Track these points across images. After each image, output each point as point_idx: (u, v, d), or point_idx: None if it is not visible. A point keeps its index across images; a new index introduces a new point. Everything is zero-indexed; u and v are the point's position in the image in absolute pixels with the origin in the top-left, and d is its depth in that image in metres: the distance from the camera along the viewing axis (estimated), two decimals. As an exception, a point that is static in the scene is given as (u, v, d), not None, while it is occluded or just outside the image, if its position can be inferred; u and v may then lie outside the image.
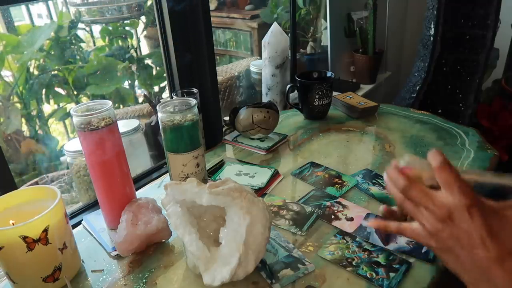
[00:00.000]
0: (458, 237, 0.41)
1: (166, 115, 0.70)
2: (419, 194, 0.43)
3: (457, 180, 0.41)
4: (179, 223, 0.56)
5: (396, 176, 0.45)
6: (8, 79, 1.47)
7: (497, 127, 1.66)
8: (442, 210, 0.41)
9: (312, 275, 0.58)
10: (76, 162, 0.87)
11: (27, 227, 0.52)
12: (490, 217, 0.40)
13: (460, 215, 0.40)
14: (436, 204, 0.42)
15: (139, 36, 1.87)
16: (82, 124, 0.61)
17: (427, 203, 0.42)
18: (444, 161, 0.42)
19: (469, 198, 0.40)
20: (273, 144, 0.96)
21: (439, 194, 0.42)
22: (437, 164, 0.42)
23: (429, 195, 0.43)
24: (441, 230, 0.42)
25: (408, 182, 0.44)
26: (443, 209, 0.41)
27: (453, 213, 0.41)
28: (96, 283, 0.59)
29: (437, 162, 0.42)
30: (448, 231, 0.41)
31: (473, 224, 0.40)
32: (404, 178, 0.45)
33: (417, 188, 0.44)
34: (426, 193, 0.43)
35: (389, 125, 1.05)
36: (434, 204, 0.42)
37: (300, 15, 1.89)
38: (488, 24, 1.55)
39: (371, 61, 1.77)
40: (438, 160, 0.42)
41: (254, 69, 1.51)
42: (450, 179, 0.41)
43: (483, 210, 0.40)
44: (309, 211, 0.72)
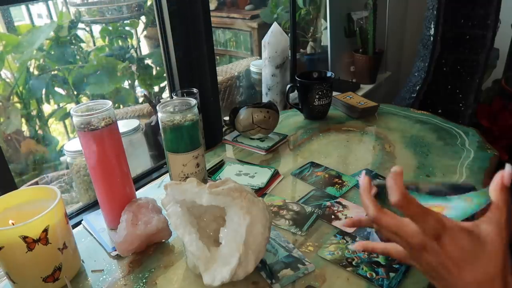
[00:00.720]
0: (434, 267, 0.41)
1: (166, 115, 0.70)
2: (390, 224, 0.42)
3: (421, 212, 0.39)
4: (179, 223, 0.56)
5: (366, 203, 0.44)
6: (8, 79, 1.47)
7: (497, 127, 1.66)
8: (415, 240, 0.41)
9: (312, 275, 0.58)
10: (76, 162, 0.87)
11: (27, 227, 0.52)
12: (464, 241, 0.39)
13: (430, 247, 0.40)
14: (408, 234, 0.41)
15: (139, 36, 1.87)
16: (82, 124, 0.61)
17: (400, 233, 0.42)
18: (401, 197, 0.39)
19: (437, 229, 0.39)
20: (273, 144, 0.96)
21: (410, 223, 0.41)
22: (395, 201, 0.39)
23: (400, 225, 0.42)
24: (418, 257, 0.42)
25: (378, 211, 0.43)
26: (415, 240, 0.41)
27: (425, 245, 0.40)
28: (96, 283, 0.59)
29: (394, 199, 0.39)
30: (425, 259, 0.41)
31: (445, 255, 0.39)
32: (374, 207, 0.43)
33: (388, 218, 0.42)
34: (397, 223, 0.42)
35: (389, 125, 1.05)
36: (406, 234, 0.41)
37: (300, 15, 1.89)
38: (488, 24, 1.55)
39: (371, 61, 1.77)
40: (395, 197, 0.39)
41: (254, 69, 1.51)
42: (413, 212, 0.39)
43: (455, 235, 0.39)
44: (309, 211, 0.72)
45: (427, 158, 0.87)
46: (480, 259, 0.39)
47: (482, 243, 0.39)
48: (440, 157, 0.87)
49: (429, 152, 0.90)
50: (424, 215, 0.39)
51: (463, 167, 0.83)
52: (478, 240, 0.39)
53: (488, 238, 0.39)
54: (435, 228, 0.39)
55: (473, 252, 0.39)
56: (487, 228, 0.39)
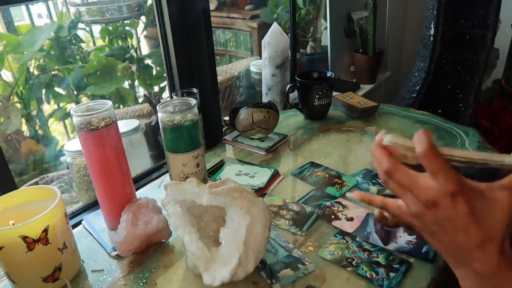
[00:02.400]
0: (441, 223, 0.41)
1: (166, 115, 0.70)
2: (403, 178, 0.42)
3: (443, 167, 0.39)
4: (179, 223, 0.56)
5: (380, 156, 0.44)
6: (8, 79, 1.47)
7: (497, 127, 1.66)
8: (427, 195, 0.40)
9: (312, 275, 0.58)
10: (76, 162, 0.87)
11: (27, 227, 0.52)
12: (477, 202, 0.40)
13: (444, 202, 0.40)
14: (420, 189, 0.41)
15: (139, 36, 1.87)
16: (82, 124, 0.61)
17: (411, 187, 0.41)
18: (428, 147, 0.40)
19: (455, 186, 0.39)
20: (273, 144, 0.96)
21: (424, 179, 0.41)
22: (421, 150, 0.40)
23: (413, 180, 0.41)
24: (425, 214, 0.41)
25: (392, 164, 0.43)
26: (428, 195, 0.40)
27: (438, 200, 0.40)
28: (96, 283, 0.59)
29: (421, 148, 0.40)
30: (432, 216, 0.41)
31: (456, 212, 0.39)
32: (388, 160, 0.43)
33: (402, 172, 0.42)
34: (411, 177, 0.42)
35: (389, 125, 1.05)
36: (418, 189, 0.41)
37: (300, 15, 1.89)
38: (488, 24, 1.55)
39: (371, 61, 1.77)
40: (422, 146, 0.40)
41: (254, 69, 1.51)
42: (435, 166, 0.40)
43: (469, 195, 0.40)
44: (309, 211, 0.72)
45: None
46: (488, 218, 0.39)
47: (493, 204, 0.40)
48: (440, 157, 0.87)
49: (429, 152, 0.90)
50: (445, 170, 0.39)
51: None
52: (489, 202, 0.40)
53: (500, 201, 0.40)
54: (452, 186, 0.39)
55: (482, 212, 0.40)
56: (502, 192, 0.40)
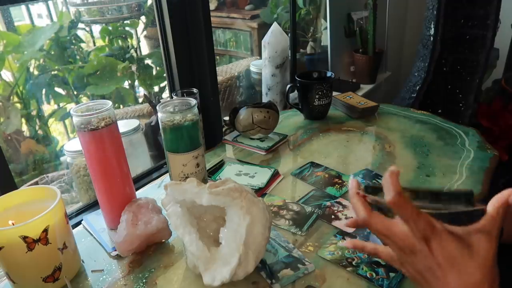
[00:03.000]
0: (421, 271, 0.41)
1: (166, 115, 0.70)
2: (380, 227, 0.42)
3: (412, 214, 0.39)
4: (179, 223, 0.56)
5: (356, 206, 0.44)
6: (8, 79, 1.47)
7: (497, 127, 1.66)
8: (404, 243, 0.41)
9: (312, 275, 0.58)
10: (76, 162, 0.87)
11: (27, 227, 0.52)
12: (453, 247, 0.39)
13: (420, 250, 0.40)
14: (398, 237, 0.41)
15: (139, 36, 1.87)
16: (82, 124, 0.61)
17: (389, 235, 0.42)
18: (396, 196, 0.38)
19: (427, 232, 0.39)
20: (273, 144, 0.96)
21: (400, 226, 0.41)
22: (389, 199, 0.39)
23: (390, 228, 0.42)
24: (407, 262, 0.42)
25: (368, 214, 0.43)
26: (405, 243, 0.41)
27: (415, 247, 0.40)
28: (96, 283, 0.59)
29: (389, 197, 0.39)
30: (413, 265, 0.41)
31: (433, 259, 0.39)
32: (363, 210, 0.43)
33: (378, 222, 0.42)
34: (387, 226, 0.42)
35: (389, 125, 1.05)
36: (396, 237, 0.41)
37: (300, 15, 1.89)
38: (488, 24, 1.55)
39: (371, 61, 1.77)
40: (390, 194, 0.39)
41: (254, 69, 1.51)
42: (404, 213, 0.39)
43: (445, 241, 0.39)
44: (309, 211, 0.72)
45: (427, 158, 0.87)
46: (467, 265, 0.39)
47: (471, 250, 0.39)
48: (440, 157, 0.87)
49: (429, 152, 0.90)
50: (416, 216, 0.39)
51: (463, 167, 0.83)
52: (466, 246, 0.39)
53: (478, 247, 0.39)
54: (425, 230, 0.39)
55: (460, 258, 0.39)
56: (478, 236, 0.39)
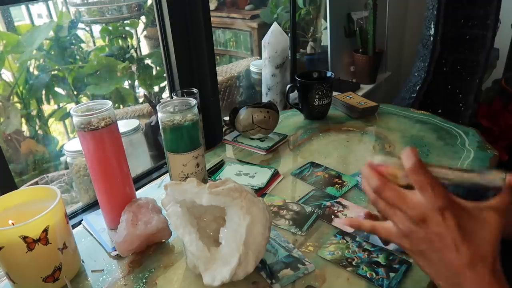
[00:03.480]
0: (430, 239, 0.41)
1: (166, 115, 0.70)
2: (392, 195, 0.42)
3: (430, 181, 0.40)
4: (179, 223, 0.56)
5: (370, 175, 0.44)
6: (8, 79, 1.47)
7: (497, 127, 1.66)
8: (416, 212, 0.41)
9: (312, 275, 0.58)
10: (76, 162, 0.87)
11: (27, 227, 0.52)
12: (464, 220, 0.40)
13: (433, 218, 0.40)
14: (409, 206, 0.41)
15: (139, 36, 1.87)
16: (82, 124, 0.61)
17: (400, 204, 0.42)
18: (417, 163, 0.40)
19: (443, 201, 0.39)
20: (273, 144, 0.96)
21: (413, 195, 0.41)
22: (410, 166, 0.41)
23: (402, 197, 0.42)
24: (414, 231, 0.41)
25: (382, 182, 0.43)
26: (417, 211, 0.40)
27: (427, 216, 0.40)
28: (96, 283, 0.59)
29: (410, 164, 0.41)
30: (421, 233, 0.41)
31: (446, 228, 0.39)
32: (378, 178, 0.43)
33: (391, 189, 0.43)
34: (400, 194, 0.42)
35: (389, 125, 1.05)
36: (407, 206, 0.41)
37: (300, 15, 1.89)
38: (488, 24, 1.55)
39: (371, 61, 1.77)
40: (411, 162, 0.41)
41: (254, 69, 1.51)
42: (423, 181, 0.40)
43: (457, 212, 0.40)
44: (309, 211, 0.72)
45: (427, 158, 0.87)
46: (477, 237, 0.40)
47: (481, 224, 0.40)
48: (440, 157, 0.87)
49: (429, 152, 0.90)
50: (433, 186, 0.40)
51: (463, 167, 0.83)
52: (477, 220, 0.40)
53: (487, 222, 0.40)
54: (440, 199, 0.40)
55: (471, 230, 0.40)
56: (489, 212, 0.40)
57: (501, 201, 0.40)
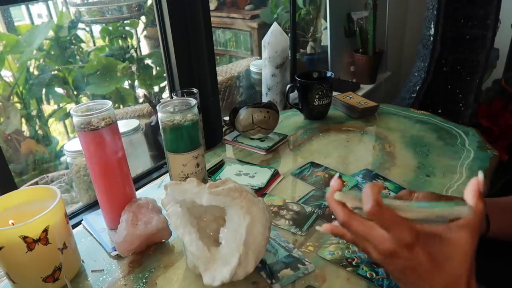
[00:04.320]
0: (403, 271, 0.41)
1: (166, 115, 0.70)
2: (359, 229, 0.42)
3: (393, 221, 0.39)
4: (179, 223, 0.56)
5: (336, 208, 0.44)
6: (8, 79, 1.47)
7: (497, 127, 1.66)
8: (384, 247, 0.41)
9: (312, 275, 0.58)
10: (76, 162, 0.87)
11: (27, 227, 0.52)
12: (435, 247, 0.40)
13: (401, 254, 0.40)
14: (377, 241, 0.41)
15: (139, 36, 1.87)
16: (82, 124, 0.61)
17: (369, 238, 0.42)
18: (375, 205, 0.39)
19: (410, 237, 0.39)
20: (273, 144, 0.96)
21: (380, 230, 0.41)
22: (368, 210, 0.39)
23: (369, 230, 0.41)
24: (387, 263, 0.42)
25: (347, 215, 0.43)
26: (385, 247, 0.40)
27: (395, 252, 0.40)
28: (96, 283, 0.59)
29: (367, 207, 0.39)
30: (393, 265, 0.41)
31: (417, 262, 0.40)
32: (342, 211, 0.43)
33: (357, 222, 0.42)
34: (366, 227, 0.42)
35: (389, 125, 1.05)
36: (375, 240, 0.41)
37: (300, 15, 1.89)
38: (488, 24, 1.55)
39: (371, 61, 1.77)
40: (368, 204, 0.39)
41: (254, 69, 1.51)
42: (385, 221, 0.40)
43: (426, 242, 0.40)
44: (309, 211, 0.72)
45: (427, 158, 0.87)
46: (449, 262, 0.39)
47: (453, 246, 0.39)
48: (440, 157, 0.87)
49: (429, 152, 0.90)
50: (396, 224, 0.39)
51: (463, 167, 0.83)
52: (448, 243, 0.40)
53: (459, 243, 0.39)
54: (407, 237, 0.39)
55: (442, 255, 0.40)
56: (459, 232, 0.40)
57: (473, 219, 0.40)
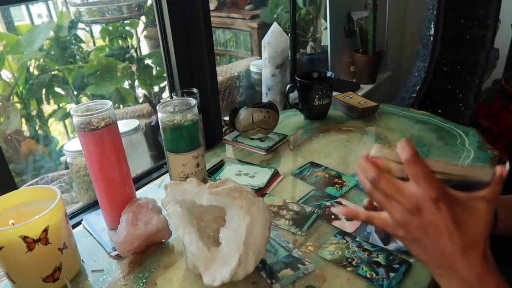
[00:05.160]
0: (425, 228, 0.42)
1: (166, 115, 0.70)
2: (388, 186, 0.44)
3: (425, 173, 0.41)
4: (179, 223, 0.56)
5: (366, 167, 0.45)
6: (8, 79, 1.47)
7: (497, 127, 1.66)
8: (411, 202, 0.42)
9: (312, 275, 0.58)
10: (76, 162, 0.87)
11: (27, 227, 0.52)
12: (457, 209, 0.41)
13: (427, 208, 0.41)
14: (404, 196, 0.42)
15: (139, 36, 1.87)
16: (82, 124, 0.61)
17: (396, 195, 0.43)
18: (412, 154, 0.42)
19: (437, 191, 0.41)
20: (273, 144, 0.96)
21: (408, 186, 0.42)
22: (405, 157, 0.42)
23: (397, 187, 0.43)
24: (409, 221, 0.43)
25: (378, 173, 0.44)
26: (411, 201, 0.42)
27: (421, 206, 0.41)
28: (96, 283, 0.59)
29: (405, 155, 0.42)
30: (416, 223, 0.42)
31: (440, 217, 0.41)
32: (373, 169, 0.45)
33: (386, 180, 0.44)
34: (395, 185, 0.43)
35: (389, 125, 1.05)
36: (402, 196, 0.42)
37: (300, 15, 1.88)
38: (488, 24, 1.55)
39: (371, 61, 1.77)
40: (407, 153, 0.42)
41: (254, 69, 1.51)
42: (418, 172, 0.41)
43: (451, 202, 0.41)
44: (309, 211, 0.72)
45: (427, 158, 0.87)
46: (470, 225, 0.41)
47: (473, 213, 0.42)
48: (440, 157, 0.87)
49: (429, 152, 0.90)
50: (427, 177, 0.41)
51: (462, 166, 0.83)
52: (469, 210, 0.42)
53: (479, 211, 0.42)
54: (435, 192, 0.41)
55: (463, 219, 0.41)
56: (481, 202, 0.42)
57: (492, 192, 0.42)
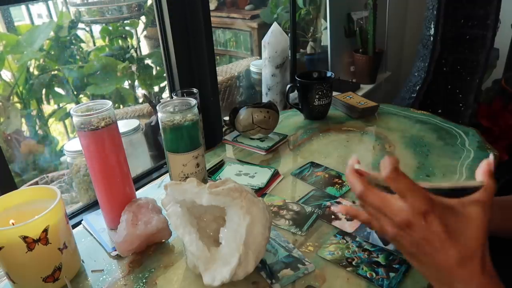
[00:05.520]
0: (418, 244, 0.41)
1: (166, 115, 0.70)
2: (376, 200, 0.42)
3: (409, 187, 0.40)
4: (179, 223, 0.56)
5: (353, 181, 0.44)
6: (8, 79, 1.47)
7: (497, 127, 1.66)
8: (399, 218, 0.41)
9: (312, 275, 0.58)
10: (76, 162, 0.87)
11: (27, 227, 0.52)
12: (449, 219, 0.40)
13: (417, 224, 0.40)
14: (393, 212, 0.41)
15: (139, 36, 1.87)
16: (82, 124, 0.61)
17: (384, 210, 0.42)
18: (393, 171, 0.40)
19: (424, 203, 0.39)
20: (273, 144, 0.96)
21: (396, 200, 0.41)
22: (386, 174, 0.40)
23: (385, 202, 0.42)
24: (401, 235, 0.42)
25: (365, 187, 0.43)
26: (400, 217, 0.41)
27: (410, 222, 0.40)
28: (96, 283, 0.59)
29: (386, 172, 0.40)
30: (408, 238, 0.41)
31: (431, 232, 0.40)
32: (360, 183, 0.43)
33: (374, 195, 0.43)
34: (383, 199, 0.42)
35: (389, 125, 1.05)
36: (391, 211, 0.41)
37: (300, 15, 1.89)
38: (488, 24, 1.55)
39: (371, 61, 1.77)
40: (387, 170, 0.40)
41: (254, 69, 1.51)
42: (401, 187, 0.40)
43: (441, 213, 0.40)
44: (309, 211, 0.72)
45: (427, 158, 0.87)
46: (463, 235, 0.40)
47: (466, 221, 0.40)
48: (440, 157, 0.87)
49: (429, 152, 0.90)
50: (413, 191, 0.40)
51: (463, 167, 0.83)
52: (462, 217, 0.40)
53: (472, 218, 0.40)
54: (422, 204, 0.39)
55: (456, 228, 0.40)
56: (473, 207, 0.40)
57: (484, 194, 0.40)
